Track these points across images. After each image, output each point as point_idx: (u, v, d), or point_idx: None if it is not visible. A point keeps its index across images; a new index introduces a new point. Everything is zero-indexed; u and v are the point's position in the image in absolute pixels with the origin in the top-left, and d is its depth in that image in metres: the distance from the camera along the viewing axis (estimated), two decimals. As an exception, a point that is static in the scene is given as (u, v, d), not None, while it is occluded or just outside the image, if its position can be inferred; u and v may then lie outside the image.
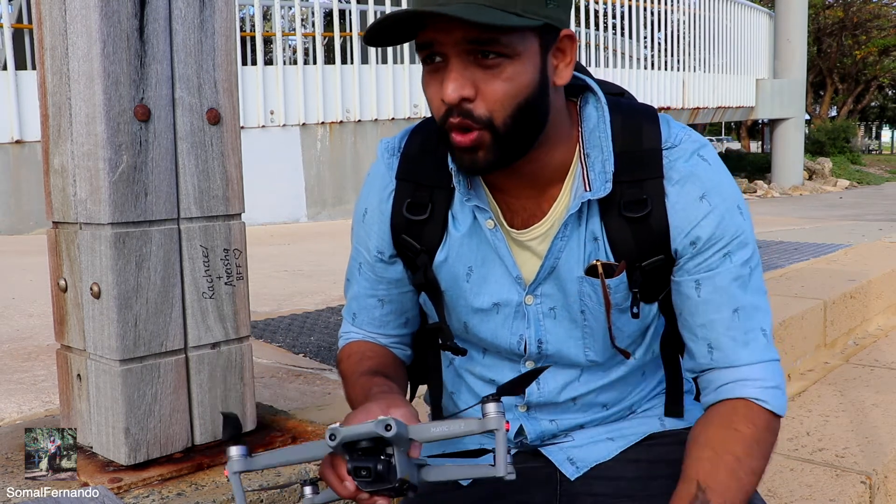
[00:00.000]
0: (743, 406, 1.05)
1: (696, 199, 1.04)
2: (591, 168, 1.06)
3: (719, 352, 1.07)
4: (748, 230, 1.07)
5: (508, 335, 1.15)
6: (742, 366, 1.06)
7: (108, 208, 1.25)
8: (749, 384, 1.05)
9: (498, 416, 0.84)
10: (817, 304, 3.18)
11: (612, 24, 11.30)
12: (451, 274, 1.15)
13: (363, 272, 1.23)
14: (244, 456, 0.91)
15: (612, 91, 1.16)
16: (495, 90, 0.95)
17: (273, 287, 3.64)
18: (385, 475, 0.84)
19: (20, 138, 5.97)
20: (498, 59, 0.94)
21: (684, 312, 1.09)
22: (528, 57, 0.96)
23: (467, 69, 0.95)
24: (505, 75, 0.95)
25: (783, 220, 7.56)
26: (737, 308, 1.06)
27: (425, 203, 1.13)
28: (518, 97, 0.96)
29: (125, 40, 1.25)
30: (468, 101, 0.95)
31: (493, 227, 1.10)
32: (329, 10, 9.41)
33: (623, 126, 1.07)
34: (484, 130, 0.97)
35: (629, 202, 1.05)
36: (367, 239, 1.20)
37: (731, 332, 1.06)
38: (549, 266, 1.10)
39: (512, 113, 0.96)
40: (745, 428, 1.03)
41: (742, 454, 1.01)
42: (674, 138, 1.06)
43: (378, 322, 1.25)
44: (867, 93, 27.31)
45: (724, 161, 1.13)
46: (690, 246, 1.05)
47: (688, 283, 1.07)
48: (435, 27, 0.94)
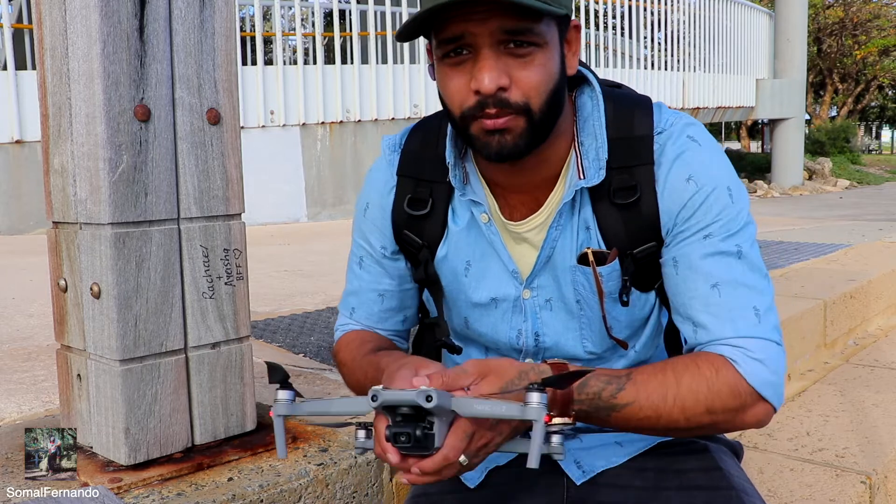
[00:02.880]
0: (715, 357, 1.00)
1: (684, 181, 1.04)
2: (585, 156, 1.07)
3: (703, 330, 1.03)
4: (740, 210, 1.04)
5: (507, 329, 1.15)
6: (725, 338, 1.01)
7: (108, 208, 1.25)
8: (728, 348, 1.01)
9: (539, 407, 0.83)
10: (817, 304, 3.18)
11: (612, 24, 11.29)
12: (451, 269, 1.15)
13: (365, 266, 1.24)
14: (290, 401, 0.92)
15: (610, 85, 1.16)
16: (530, 78, 0.96)
17: (273, 287, 3.64)
18: (423, 442, 0.85)
19: (20, 138, 5.97)
20: (530, 48, 0.96)
21: (670, 295, 1.08)
22: (553, 45, 0.98)
23: (500, 59, 0.96)
24: (537, 62, 0.96)
25: (783, 220, 7.56)
26: (716, 283, 1.02)
27: (426, 198, 1.14)
28: (550, 83, 0.98)
29: (125, 40, 1.25)
30: (504, 90, 0.96)
31: (488, 221, 1.11)
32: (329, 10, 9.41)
33: (615, 113, 1.07)
34: (520, 116, 0.98)
35: (619, 189, 1.05)
36: (370, 234, 1.21)
37: (712, 307, 1.02)
38: (545, 256, 1.10)
39: (547, 99, 0.98)
40: (706, 369, 0.99)
41: (685, 383, 0.97)
42: (664, 123, 1.06)
43: (376, 317, 1.25)
44: (867, 93, 27.30)
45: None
46: (674, 226, 1.05)
47: (668, 262, 1.06)
48: (467, 19, 0.94)
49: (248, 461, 1.38)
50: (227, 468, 1.35)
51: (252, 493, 1.27)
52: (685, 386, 0.97)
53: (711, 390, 0.98)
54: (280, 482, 1.31)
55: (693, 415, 0.98)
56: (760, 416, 1.01)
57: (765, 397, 1.00)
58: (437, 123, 1.15)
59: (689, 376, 0.98)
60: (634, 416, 0.97)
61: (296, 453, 1.42)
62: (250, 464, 1.37)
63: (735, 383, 0.99)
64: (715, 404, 0.98)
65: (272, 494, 1.29)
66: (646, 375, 0.98)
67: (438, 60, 1.01)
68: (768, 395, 1.00)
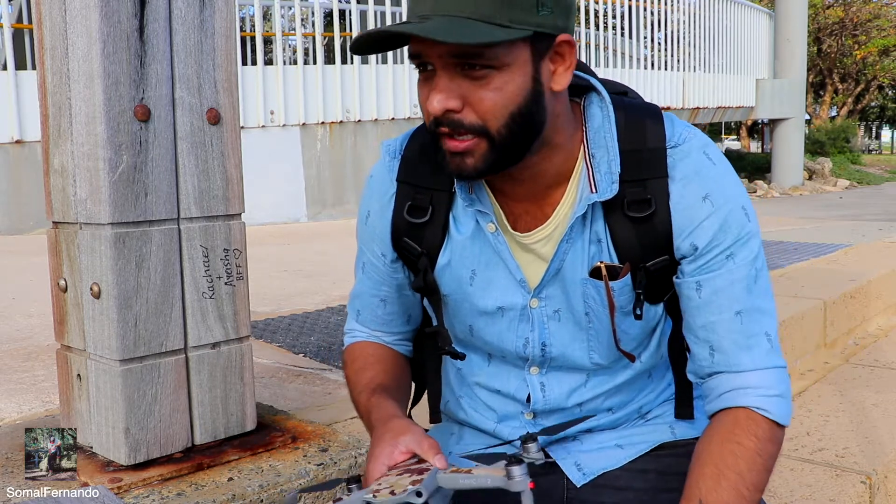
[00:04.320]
0: (745, 416, 1.03)
1: (699, 200, 1.03)
2: (597, 169, 1.05)
3: (720, 354, 1.05)
4: (753, 231, 1.05)
5: (514, 338, 1.14)
6: (744, 372, 1.04)
7: (108, 208, 1.25)
8: (751, 392, 1.03)
9: (522, 479, 0.88)
10: (817, 304, 3.18)
11: (612, 24, 11.30)
12: (455, 277, 1.14)
13: (367, 272, 1.24)
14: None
15: (616, 90, 1.15)
16: (484, 101, 0.94)
17: (273, 287, 3.64)
18: None
19: (20, 138, 5.97)
20: (485, 71, 0.93)
21: (686, 314, 1.08)
22: (518, 66, 0.94)
23: (454, 80, 0.94)
24: (493, 85, 0.94)
25: (783, 220, 7.56)
26: (739, 310, 1.04)
27: (426, 206, 1.13)
28: (509, 106, 0.95)
29: (125, 40, 1.25)
30: (454, 111, 0.95)
31: (495, 230, 1.09)
32: (329, 10, 9.41)
33: (627, 124, 1.05)
34: (479, 138, 0.96)
35: (633, 202, 1.04)
36: (371, 241, 1.20)
37: (733, 334, 1.04)
38: (554, 269, 1.09)
39: (506, 122, 0.95)
40: (748, 441, 1.01)
41: (744, 469, 1.00)
42: (678, 137, 1.05)
43: (381, 320, 1.26)
44: (867, 93, 27.30)
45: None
46: (692, 247, 1.04)
47: (689, 284, 1.05)
48: (422, 39, 0.92)
49: (248, 461, 1.38)
50: (227, 468, 1.35)
51: (252, 493, 1.27)
52: (747, 472, 1.00)
53: (763, 456, 1.02)
54: (280, 482, 1.31)
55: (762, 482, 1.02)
56: (782, 438, 1.08)
57: (784, 425, 1.06)
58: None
59: (743, 461, 1.00)
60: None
61: (296, 453, 1.42)
62: (250, 464, 1.37)
63: (771, 432, 1.03)
64: (770, 463, 1.03)
65: (272, 494, 1.29)
66: (715, 494, 0.99)
67: (417, 72, 1.01)
68: (788, 422, 1.06)
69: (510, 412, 1.20)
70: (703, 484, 1.00)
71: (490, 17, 0.89)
